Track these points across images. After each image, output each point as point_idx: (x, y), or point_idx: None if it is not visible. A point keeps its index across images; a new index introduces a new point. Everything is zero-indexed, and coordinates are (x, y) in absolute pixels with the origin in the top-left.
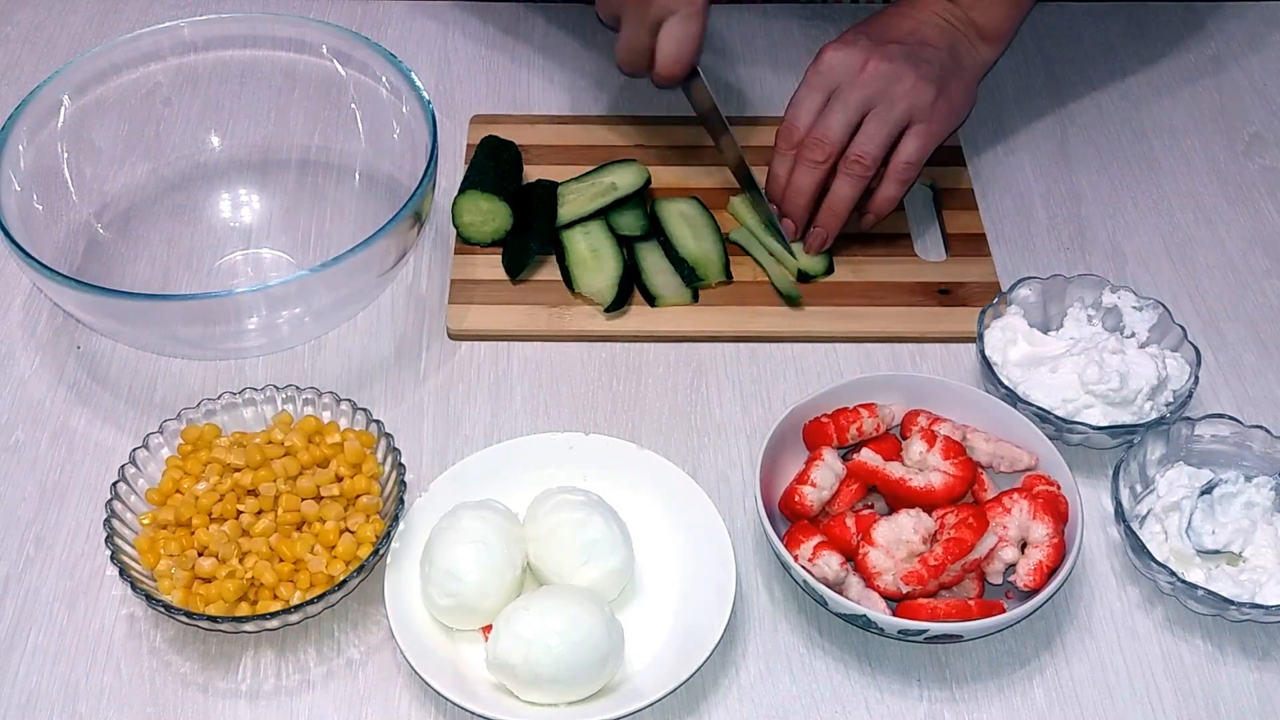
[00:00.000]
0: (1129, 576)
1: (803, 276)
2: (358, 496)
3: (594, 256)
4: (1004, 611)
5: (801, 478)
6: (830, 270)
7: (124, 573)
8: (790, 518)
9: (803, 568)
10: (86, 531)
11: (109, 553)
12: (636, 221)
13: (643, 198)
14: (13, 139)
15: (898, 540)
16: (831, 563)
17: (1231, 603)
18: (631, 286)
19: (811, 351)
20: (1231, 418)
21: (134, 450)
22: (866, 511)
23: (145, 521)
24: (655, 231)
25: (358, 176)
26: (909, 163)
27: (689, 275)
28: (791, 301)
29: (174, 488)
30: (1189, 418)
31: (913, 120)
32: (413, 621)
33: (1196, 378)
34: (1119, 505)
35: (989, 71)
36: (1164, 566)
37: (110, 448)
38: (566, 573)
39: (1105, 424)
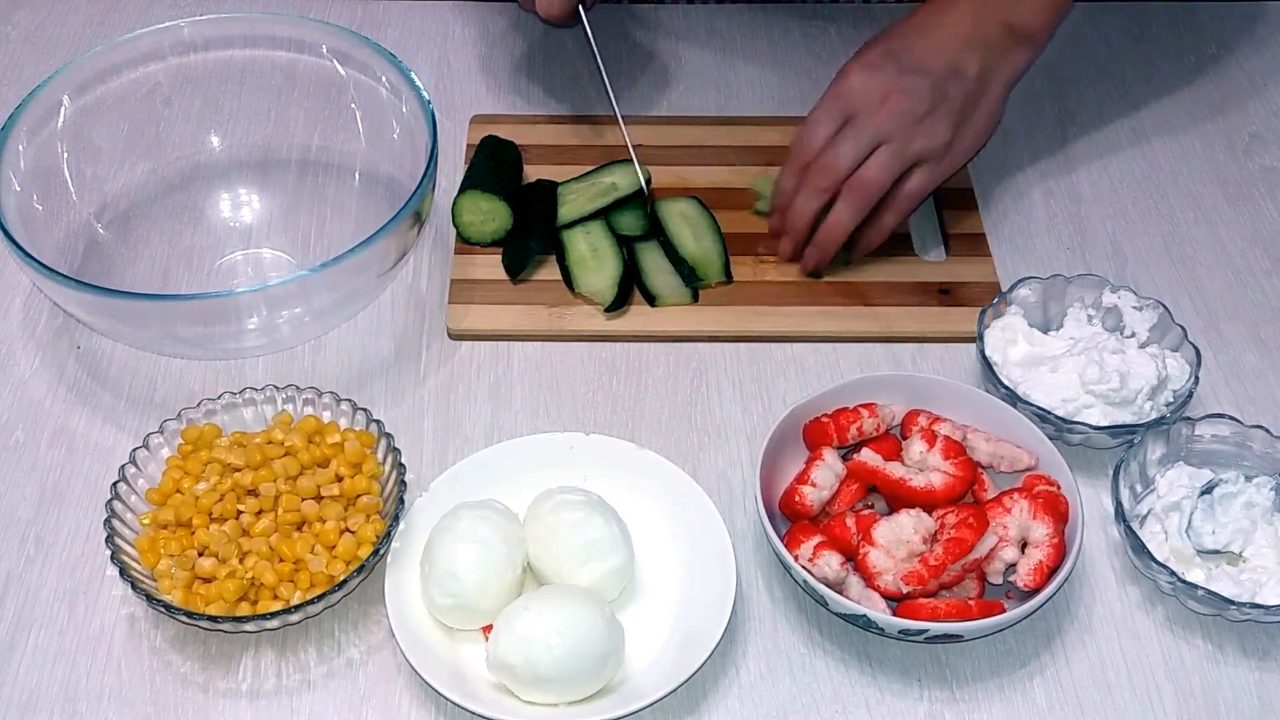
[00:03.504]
0: (1129, 576)
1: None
2: (358, 496)
3: (594, 256)
4: (1004, 611)
5: (802, 478)
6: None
7: (124, 573)
8: (790, 518)
9: (803, 568)
10: (86, 531)
11: (109, 553)
12: (636, 221)
13: (643, 198)
14: (13, 139)
15: (898, 540)
16: (832, 563)
17: (1232, 603)
18: (631, 286)
19: (811, 351)
20: (1231, 418)
21: (134, 450)
22: (867, 511)
23: (145, 521)
24: (655, 231)
25: (358, 176)
26: (911, 196)
27: (689, 275)
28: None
29: (174, 488)
30: (1189, 418)
31: (924, 159)
32: (413, 621)
33: (1196, 378)
34: (1119, 505)
35: (1023, 76)
36: (1164, 566)
37: (110, 448)
38: (567, 573)
39: (1105, 424)
